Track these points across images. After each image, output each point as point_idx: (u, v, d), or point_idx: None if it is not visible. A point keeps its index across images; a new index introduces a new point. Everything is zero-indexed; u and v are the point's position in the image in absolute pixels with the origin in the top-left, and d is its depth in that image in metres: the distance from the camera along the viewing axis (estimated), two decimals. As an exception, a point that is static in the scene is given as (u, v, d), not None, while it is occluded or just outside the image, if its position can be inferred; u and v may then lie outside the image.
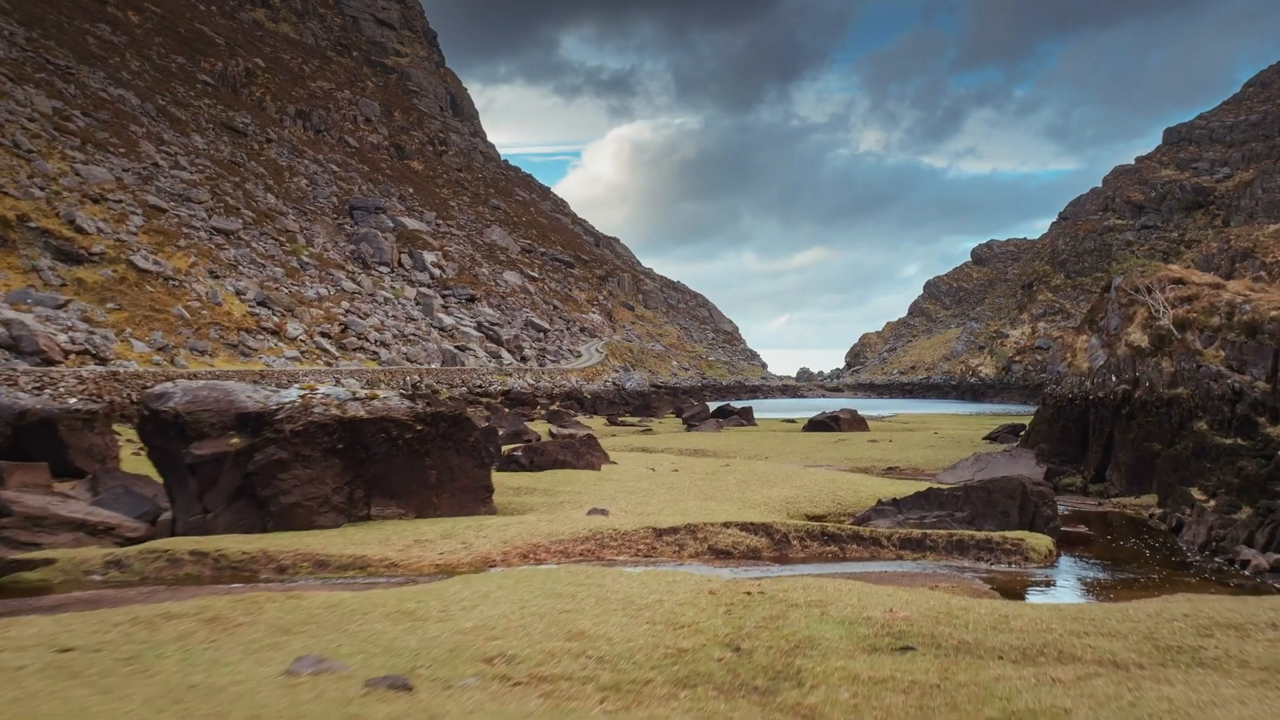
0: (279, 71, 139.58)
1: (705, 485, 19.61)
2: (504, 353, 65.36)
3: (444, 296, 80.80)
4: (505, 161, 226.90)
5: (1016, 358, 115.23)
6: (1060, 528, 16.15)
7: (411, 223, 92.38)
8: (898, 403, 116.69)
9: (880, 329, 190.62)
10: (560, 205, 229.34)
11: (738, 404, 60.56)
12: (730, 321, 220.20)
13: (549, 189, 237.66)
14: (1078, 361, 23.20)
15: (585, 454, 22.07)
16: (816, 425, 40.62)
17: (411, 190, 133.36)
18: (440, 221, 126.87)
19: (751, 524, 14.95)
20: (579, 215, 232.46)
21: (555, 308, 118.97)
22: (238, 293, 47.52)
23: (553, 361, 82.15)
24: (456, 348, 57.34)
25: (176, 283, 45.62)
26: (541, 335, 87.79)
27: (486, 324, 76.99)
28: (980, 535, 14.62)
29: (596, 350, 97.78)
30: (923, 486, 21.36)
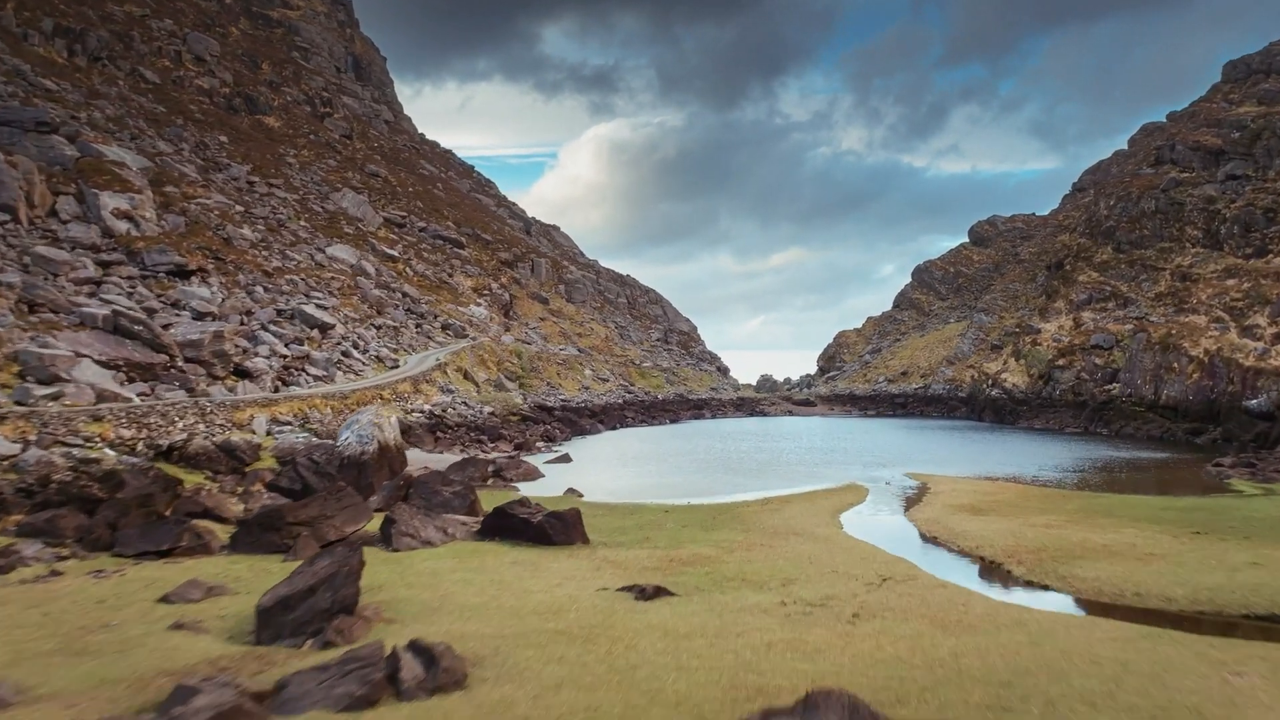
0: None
1: None
2: (99, 376, 30.01)
3: (105, 265, 45.31)
4: (422, 136, 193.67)
5: (1060, 361, 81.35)
6: None
7: (117, 153, 56.86)
8: (894, 428, 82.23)
9: (860, 325, 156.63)
10: (484, 186, 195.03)
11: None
12: (688, 320, 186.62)
13: (472, 167, 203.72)
14: None
15: None
16: None
17: (224, 139, 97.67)
18: (255, 178, 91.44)
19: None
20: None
21: (405, 296, 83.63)
22: None
23: (319, 375, 47.12)
24: None
25: None
26: (314, 334, 52.47)
27: (163, 310, 41.91)
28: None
29: (436, 359, 62.71)
30: None
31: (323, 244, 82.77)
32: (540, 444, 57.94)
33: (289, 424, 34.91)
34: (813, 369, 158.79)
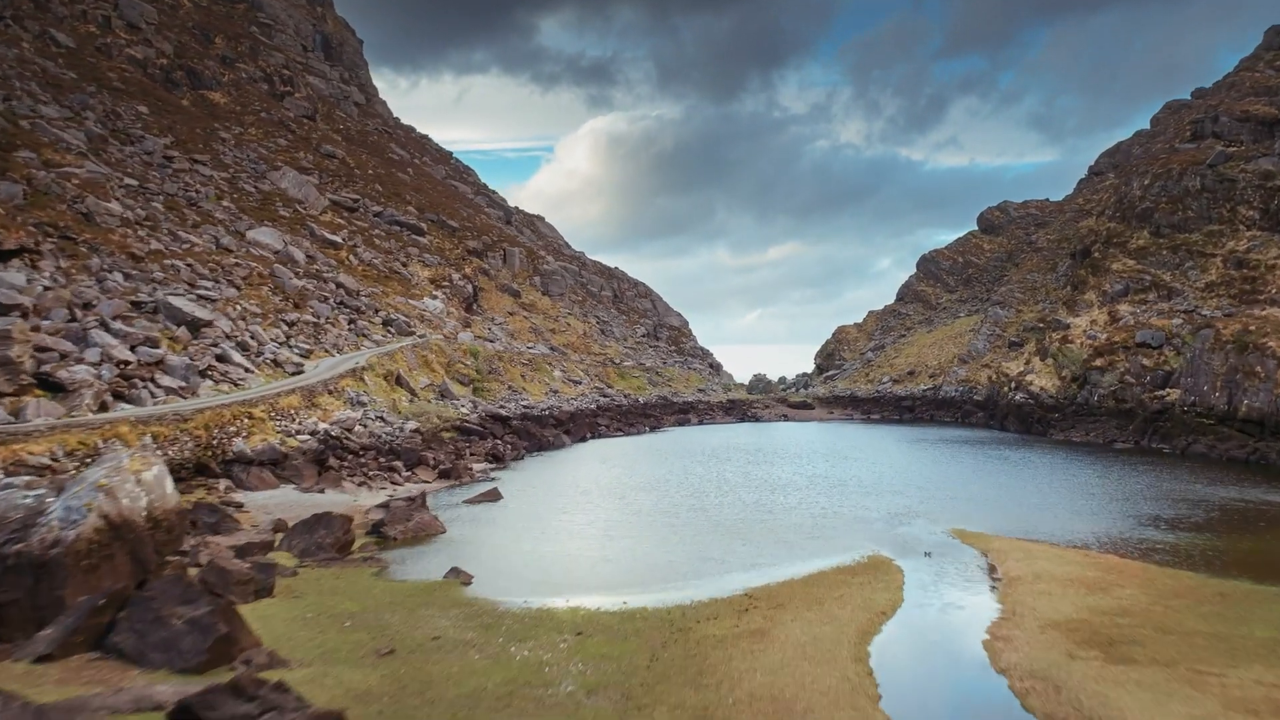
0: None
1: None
2: None
3: None
4: (396, 120, 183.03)
5: (1098, 361, 70.38)
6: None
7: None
8: (907, 440, 71.33)
9: (861, 320, 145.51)
10: (461, 172, 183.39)
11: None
12: (679, 315, 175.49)
13: (450, 153, 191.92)
14: None
15: None
16: None
17: (145, 109, 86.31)
18: (176, 152, 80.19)
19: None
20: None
21: (339, 287, 72.42)
22: None
23: (176, 386, 36.20)
24: None
25: None
26: (180, 332, 41.24)
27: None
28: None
29: (355, 362, 51.67)
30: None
31: (245, 226, 71.48)
32: (478, 467, 46.81)
33: (49, 468, 23.72)
34: (809, 366, 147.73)
